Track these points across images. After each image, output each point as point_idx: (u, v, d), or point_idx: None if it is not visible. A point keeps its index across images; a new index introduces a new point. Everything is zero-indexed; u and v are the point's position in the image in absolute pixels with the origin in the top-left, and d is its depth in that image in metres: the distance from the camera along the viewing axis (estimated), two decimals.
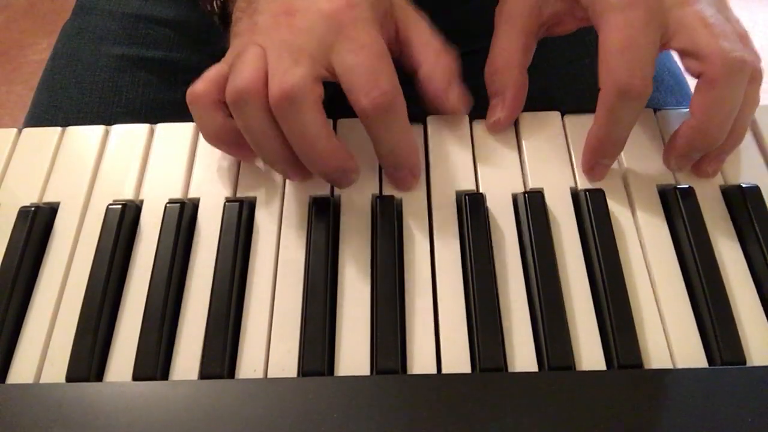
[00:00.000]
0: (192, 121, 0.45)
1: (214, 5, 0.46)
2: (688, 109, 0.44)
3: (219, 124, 0.40)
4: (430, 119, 0.45)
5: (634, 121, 0.40)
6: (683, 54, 0.39)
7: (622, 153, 0.43)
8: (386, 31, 0.41)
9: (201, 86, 0.40)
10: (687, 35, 0.38)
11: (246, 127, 0.38)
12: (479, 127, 0.45)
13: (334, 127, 0.45)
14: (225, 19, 0.45)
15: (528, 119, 0.45)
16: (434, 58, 0.41)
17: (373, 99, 0.36)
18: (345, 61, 0.37)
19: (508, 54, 0.43)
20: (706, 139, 0.39)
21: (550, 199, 0.41)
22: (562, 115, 0.45)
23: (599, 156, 0.41)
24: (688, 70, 0.39)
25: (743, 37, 0.40)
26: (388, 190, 0.42)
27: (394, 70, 0.38)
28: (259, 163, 0.43)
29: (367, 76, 0.37)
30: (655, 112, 0.45)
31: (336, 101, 0.61)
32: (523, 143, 0.44)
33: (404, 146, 0.40)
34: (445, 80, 0.41)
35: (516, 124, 0.45)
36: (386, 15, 0.41)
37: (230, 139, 0.41)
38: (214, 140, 0.41)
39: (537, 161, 0.43)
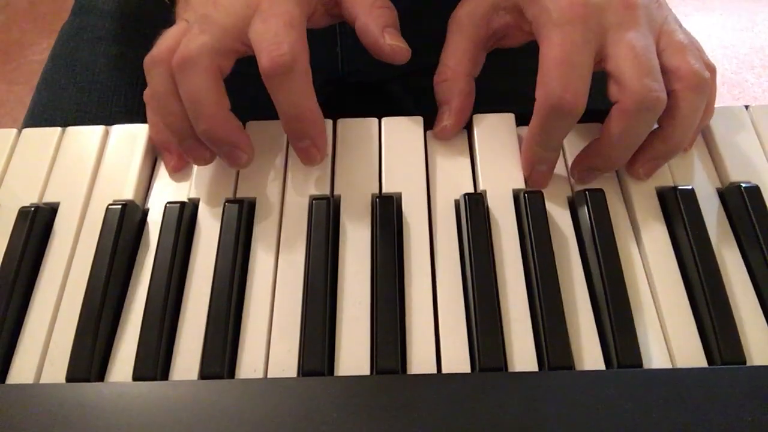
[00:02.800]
0: None
1: None
2: None
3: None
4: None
5: (566, 133, 0.41)
6: (609, 76, 0.40)
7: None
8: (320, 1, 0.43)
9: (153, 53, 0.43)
10: (615, 62, 0.39)
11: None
12: (479, 126, 0.45)
13: (334, 127, 0.45)
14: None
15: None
16: (368, 10, 0.43)
17: (273, 58, 0.38)
18: (255, 29, 0.39)
19: (456, 63, 0.44)
20: (606, 161, 0.41)
21: (549, 199, 0.41)
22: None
23: (535, 163, 0.42)
24: (608, 92, 0.40)
25: (684, 47, 0.40)
26: (388, 190, 0.42)
27: (304, 40, 0.39)
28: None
29: (272, 39, 0.38)
30: None
31: (336, 101, 0.61)
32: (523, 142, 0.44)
33: (306, 113, 0.40)
34: (379, 28, 0.42)
35: (515, 124, 0.45)
36: None
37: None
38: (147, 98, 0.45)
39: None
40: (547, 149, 0.41)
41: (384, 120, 0.45)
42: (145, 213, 0.42)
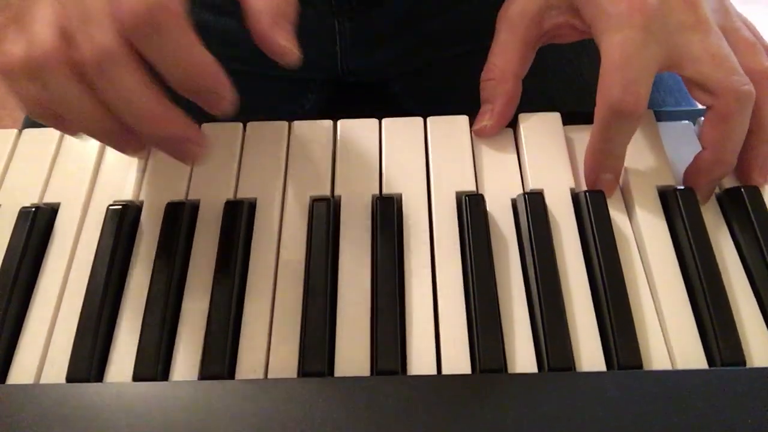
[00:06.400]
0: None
1: None
2: (687, 120, 0.45)
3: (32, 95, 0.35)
4: (430, 120, 0.45)
5: (628, 139, 0.40)
6: (690, 83, 0.39)
7: None
8: None
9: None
10: (694, 67, 0.38)
11: (53, 99, 0.34)
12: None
13: (334, 127, 0.45)
14: None
15: (528, 119, 0.45)
16: None
17: (131, 7, 0.32)
18: None
19: (504, 63, 0.43)
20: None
21: (550, 200, 0.41)
22: (562, 116, 0.45)
23: (598, 171, 0.41)
24: (696, 99, 0.39)
25: (752, 46, 0.40)
26: (388, 190, 0.42)
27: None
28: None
29: None
30: (655, 113, 0.46)
31: (336, 102, 0.61)
32: (523, 144, 0.44)
33: (189, 65, 0.34)
34: (271, 19, 0.35)
35: (516, 124, 0.45)
36: None
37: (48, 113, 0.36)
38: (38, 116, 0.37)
39: (537, 162, 0.43)
40: (610, 157, 0.40)
41: (384, 120, 0.45)
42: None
